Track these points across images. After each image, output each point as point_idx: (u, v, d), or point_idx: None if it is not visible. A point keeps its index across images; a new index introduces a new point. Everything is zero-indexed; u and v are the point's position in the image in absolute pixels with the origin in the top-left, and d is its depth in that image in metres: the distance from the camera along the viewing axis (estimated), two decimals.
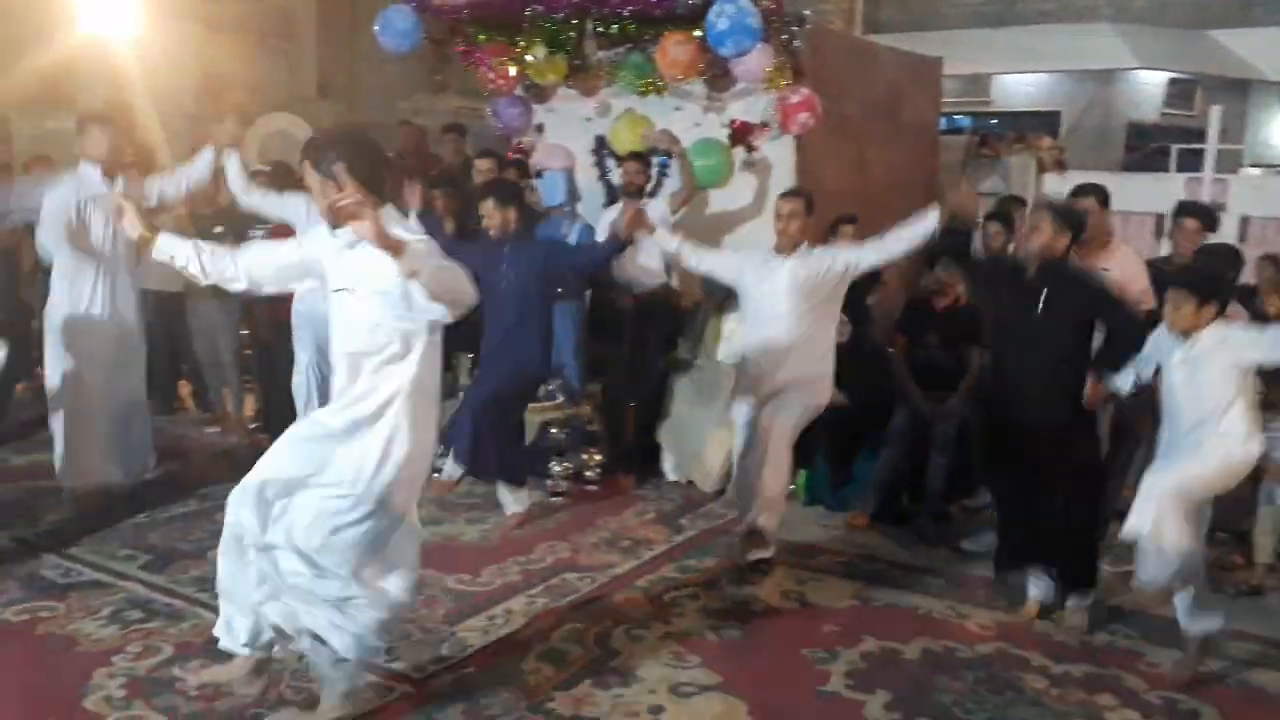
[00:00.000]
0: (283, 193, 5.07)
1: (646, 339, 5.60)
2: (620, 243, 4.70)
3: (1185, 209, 4.74)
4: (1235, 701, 3.30)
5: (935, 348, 4.89)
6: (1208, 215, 4.70)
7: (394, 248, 2.49)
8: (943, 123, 8.98)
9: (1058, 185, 6.97)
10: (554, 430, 5.32)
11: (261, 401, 6.31)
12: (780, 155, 5.82)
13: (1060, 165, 7.91)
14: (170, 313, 6.16)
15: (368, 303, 2.70)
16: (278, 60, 12.23)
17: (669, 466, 5.46)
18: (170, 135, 10.44)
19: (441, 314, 2.63)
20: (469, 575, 4.11)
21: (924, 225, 4.00)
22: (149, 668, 3.22)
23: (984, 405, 4.22)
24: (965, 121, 13.18)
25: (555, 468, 5.23)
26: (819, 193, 5.91)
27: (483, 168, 5.78)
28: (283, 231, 4.90)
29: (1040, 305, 3.71)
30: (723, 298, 5.22)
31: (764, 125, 5.76)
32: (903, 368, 4.83)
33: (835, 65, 6.10)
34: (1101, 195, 4.38)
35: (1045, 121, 12.66)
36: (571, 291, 5.54)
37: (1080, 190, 4.45)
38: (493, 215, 4.71)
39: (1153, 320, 3.90)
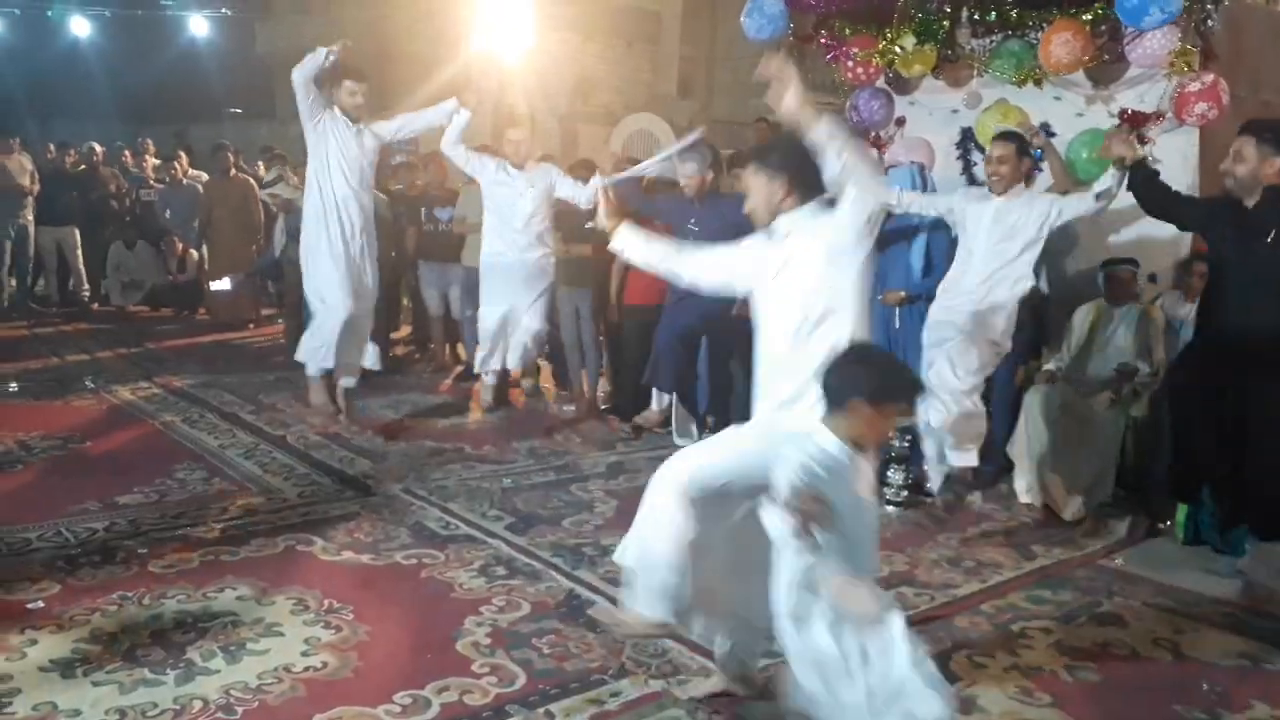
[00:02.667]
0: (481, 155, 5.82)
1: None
2: None
3: None
4: None
5: None
6: None
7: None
8: None
9: None
10: (892, 438, 5.13)
11: (612, 384, 6.72)
12: (1179, 148, 5.18)
13: None
14: None
15: (801, 272, 2.74)
16: (642, 62, 12.94)
17: (1021, 486, 5.05)
18: (544, 134, 11.45)
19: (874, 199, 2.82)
20: None
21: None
22: (510, 621, 3.51)
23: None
24: None
25: (894, 476, 5.05)
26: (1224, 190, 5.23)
27: None
28: None
29: (1270, 238, 3.50)
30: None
31: (1159, 115, 5.16)
32: None
33: (1257, 47, 5.34)
34: None
35: None
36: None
37: None
38: (692, 178, 5.20)
39: None
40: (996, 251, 4.59)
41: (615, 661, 3.25)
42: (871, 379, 2.29)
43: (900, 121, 6.35)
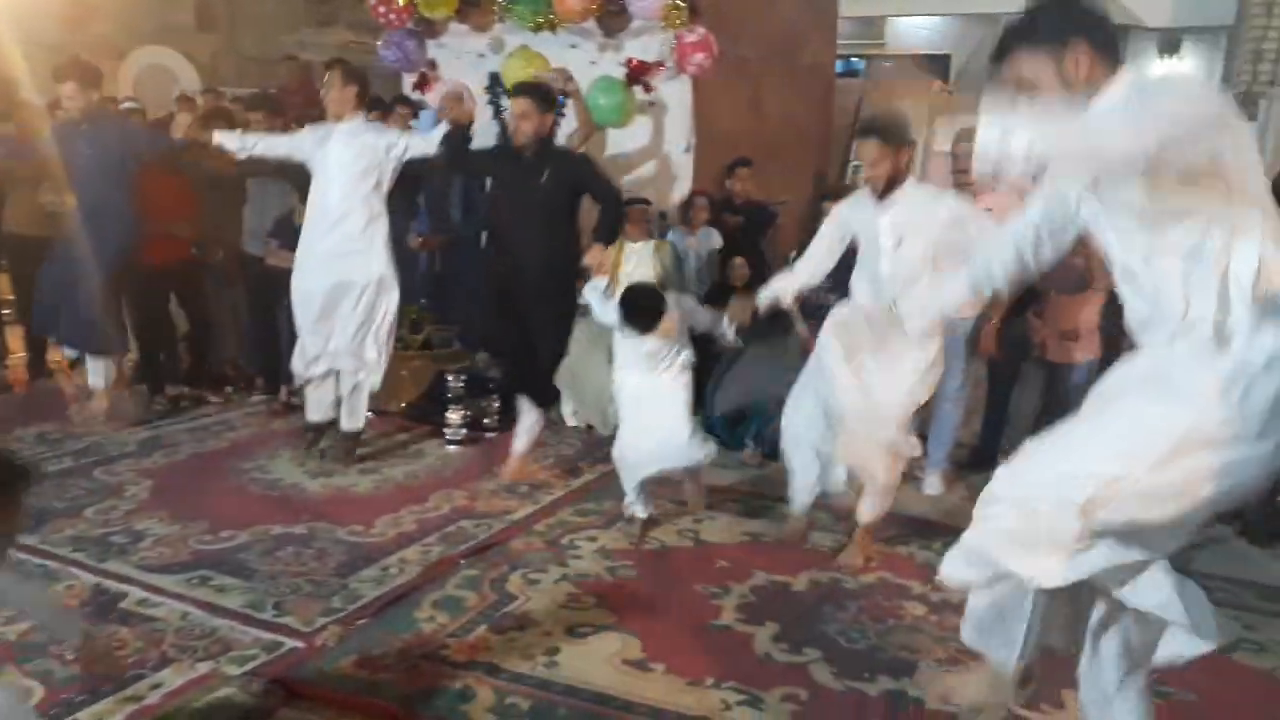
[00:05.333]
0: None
1: None
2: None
3: None
4: None
5: (829, 290, 4.96)
6: None
7: None
8: (839, 65, 9.06)
9: (948, 128, 7.11)
10: (451, 378, 5.25)
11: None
12: (677, 96, 5.80)
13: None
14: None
15: None
16: None
17: (568, 411, 5.45)
18: (32, 66, 9.77)
19: None
20: (361, 527, 4.04)
21: None
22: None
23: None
24: (861, 64, 13.31)
25: (453, 416, 5.17)
26: (714, 135, 5.97)
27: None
28: None
29: (543, 179, 4.29)
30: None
31: (660, 64, 5.70)
32: (795, 309, 4.89)
33: (731, 5, 6.08)
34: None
35: (937, 65, 12.89)
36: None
37: (961, 135, 4.54)
38: (74, 96, 4.94)
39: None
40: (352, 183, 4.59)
41: (155, 652, 3.00)
42: None
43: (432, 64, 6.35)
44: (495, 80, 6.16)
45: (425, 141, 4.60)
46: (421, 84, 6.35)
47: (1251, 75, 9.43)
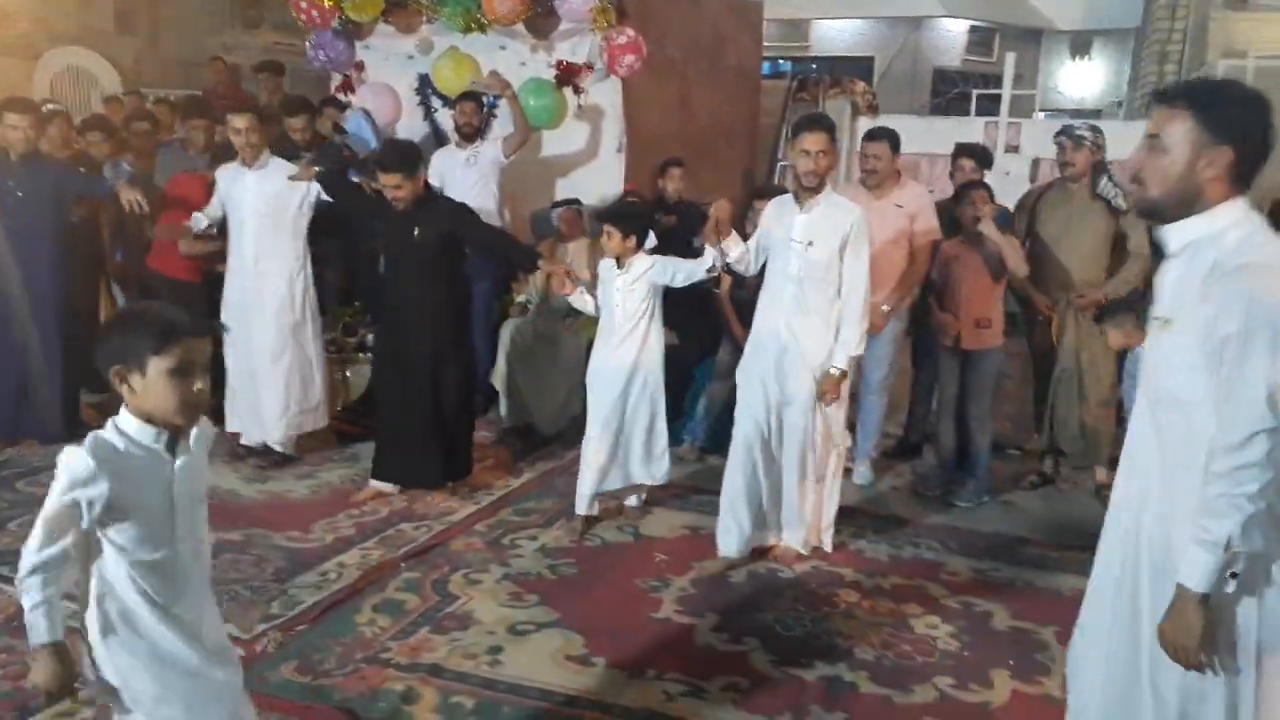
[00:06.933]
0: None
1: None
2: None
3: (962, 150, 5.06)
4: (1022, 601, 3.63)
5: (757, 287, 5.05)
6: (982, 155, 5.04)
7: None
8: (766, 67, 9.21)
9: (869, 127, 7.29)
10: None
11: None
12: (608, 97, 5.84)
13: (873, 109, 8.28)
14: None
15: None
16: None
17: (505, 411, 5.45)
18: None
19: None
20: (299, 532, 4.01)
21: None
22: None
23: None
24: (787, 66, 13.53)
25: None
26: (645, 135, 6.03)
27: (295, 126, 5.48)
28: None
29: (415, 234, 4.16)
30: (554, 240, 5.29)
31: (589, 66, 5.75)
32: (727, 305, 4.99)
33: (658, 7, 6.13)
34: (891, 139, 4.59)
35: (860, 66, 13.17)
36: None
37: (870, 134, 4.69)
38: (18, 128, 4.71)
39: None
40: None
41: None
42: (109, 346, 1.79)
43: (359, 66, 6.30)
44: (425, 82, 6.16)
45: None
46: (346, 86, 6.30)
47: (1158, 75, 9.85)
